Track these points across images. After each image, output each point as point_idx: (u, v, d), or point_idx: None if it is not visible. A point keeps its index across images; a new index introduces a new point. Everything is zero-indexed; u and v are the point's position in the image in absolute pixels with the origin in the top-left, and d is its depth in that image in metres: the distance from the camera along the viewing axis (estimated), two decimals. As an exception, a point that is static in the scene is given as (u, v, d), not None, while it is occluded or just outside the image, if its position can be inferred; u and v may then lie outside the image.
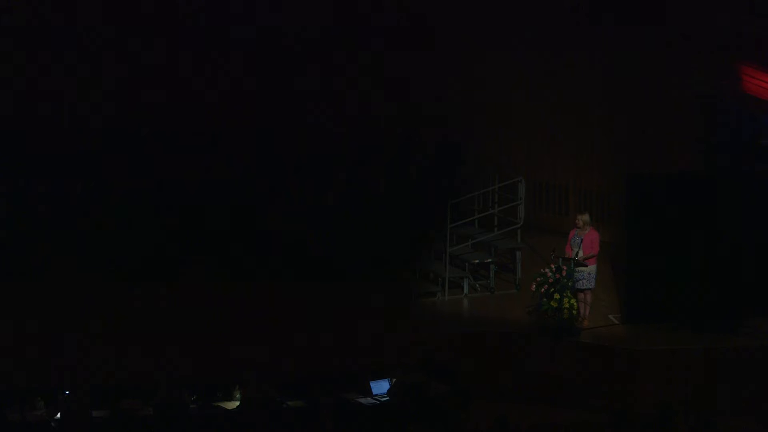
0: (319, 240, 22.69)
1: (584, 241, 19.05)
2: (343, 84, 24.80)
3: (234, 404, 16.71)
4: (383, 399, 17.06)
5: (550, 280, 18.55)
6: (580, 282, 18.93)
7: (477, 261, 21.51)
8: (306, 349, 18.56)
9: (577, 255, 18.94)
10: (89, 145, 23.79)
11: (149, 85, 23.89)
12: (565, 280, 18.51)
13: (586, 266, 18.97)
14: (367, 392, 17.19)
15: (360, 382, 17.34)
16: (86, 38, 23.70)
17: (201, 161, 24.14)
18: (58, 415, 16.11)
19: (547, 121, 24.82)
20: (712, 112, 21.97)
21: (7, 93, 23.42)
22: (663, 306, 19.08)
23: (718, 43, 21.44)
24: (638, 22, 22.54)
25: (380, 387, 17.25)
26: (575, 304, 18.58)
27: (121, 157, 23.84)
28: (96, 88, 23.75)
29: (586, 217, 19.38)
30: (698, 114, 22.19)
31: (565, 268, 18.61)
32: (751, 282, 19.08)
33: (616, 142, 23.70)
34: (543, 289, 18.57)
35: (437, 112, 25.06)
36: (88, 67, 23.72)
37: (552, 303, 18.44)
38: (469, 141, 25.54)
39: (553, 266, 18.71)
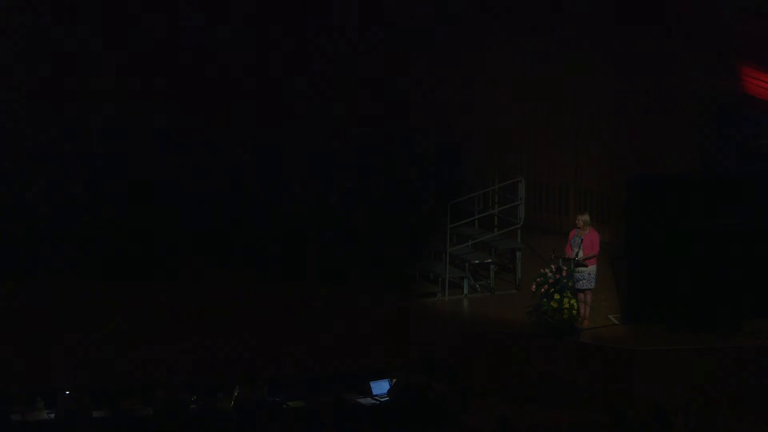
0: (320, 240, 22.68)
1: (584, 241, 19.05)
2: (343, 84, 24.83)
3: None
4: (383, 399, 17.05)
5: (550, 281, 18.53)
6: (580, 282, 18.93)
7: (477, 261, 21.51)
8: (306, 350, 18.57)
9: (577, 255, 18.94)
10: (88, 146, 23.86)
11: (147, 85, 23.92)
12: (565, 281, 18.50)
13: (586, 266, 18.97)
14: (367, 392, 17.18)
15: (360, 382, 17.34)
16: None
17: (199, 161, 24.17)
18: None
19: (547, 121, 24.83)
20: (712, 112, 21.99)
21: (6, 93, 23.43)
22: (663, 306, 19.08)
23: (718, 43, 21.45)
24: (638, 22, 22.54)
25: (380, 387, 17.24)
26: (575, 304, 18.56)
27: (119, 157, 23.89)
28: (95, 87, 23.77)
29: (586, 217, 19.38)
30: (698, 114, 22.21)
31: (565, 268, 18.60)
32: (751, 282, 19.07)
33: (617, 142, 23.70)
34: (543, 290, 18.56)
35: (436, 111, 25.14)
36: (86, 67, 23.73)
37: (552, 303, 18.42)
38: (469, 141, 25.54)
39: (553, 266, 18.69)
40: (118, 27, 23.68)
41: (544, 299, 18.54)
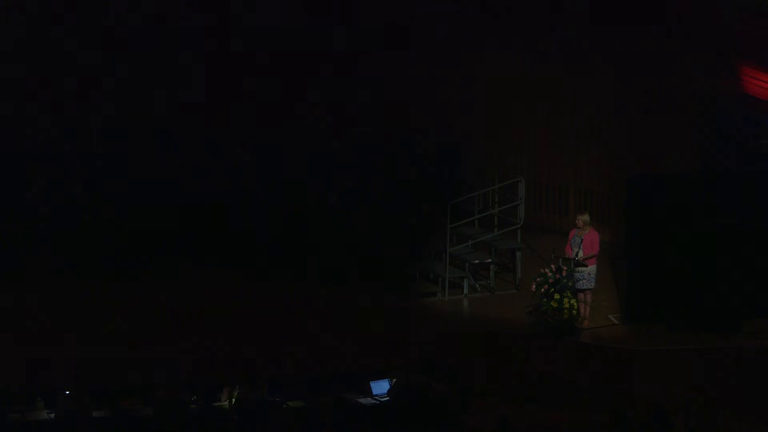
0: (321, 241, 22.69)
1: (584, 241, 19.05)
2: (343, 84, 24.82)
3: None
4: (383, 399, 17.05)
5: (550, 280, 18.54)
6: (580, 282, 18.92)
7: (477, 261, 21.50)
8: (306, 350, 18.57)
9: (577, 255, 18.94)
10: (88, 146, 23.88)
11: (147, 85, 23.94)
12: (565, 280, 18.51)
13: (586, 266, 18.97)
14: (367, 392, 17.19)
15: (360, 382, 17.34)
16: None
17: (199, 161, 24.17)
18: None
19: (547, 121, 24.82)
20: (712, 112, 21.99)
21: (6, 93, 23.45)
22: (663, 306, 19.08)
23: (718, 43, 21.44)
24: (638, 22, 22.54)
25: (380, 387, 17.25)
26: (575, 304, 18.56)
27: (119, 157, 23.90)
28: (96, 87, 23.78)
29: (586, 217, 19.38)
30: (698, 114, 22.21)
31: (565, 268, 18.60)
32: (750, 282, 19.07)
33: (616, 142, 23.70)
34: (543, 289, 18.57)
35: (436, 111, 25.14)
36: (86, 67, 23.74)
37: (552, 303, 18.43)
38: (469, 141, 25.54)
39: (553, 266, 18.70)
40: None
41: (544, 299, 18.55)
